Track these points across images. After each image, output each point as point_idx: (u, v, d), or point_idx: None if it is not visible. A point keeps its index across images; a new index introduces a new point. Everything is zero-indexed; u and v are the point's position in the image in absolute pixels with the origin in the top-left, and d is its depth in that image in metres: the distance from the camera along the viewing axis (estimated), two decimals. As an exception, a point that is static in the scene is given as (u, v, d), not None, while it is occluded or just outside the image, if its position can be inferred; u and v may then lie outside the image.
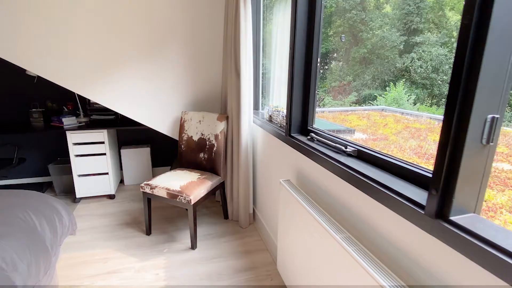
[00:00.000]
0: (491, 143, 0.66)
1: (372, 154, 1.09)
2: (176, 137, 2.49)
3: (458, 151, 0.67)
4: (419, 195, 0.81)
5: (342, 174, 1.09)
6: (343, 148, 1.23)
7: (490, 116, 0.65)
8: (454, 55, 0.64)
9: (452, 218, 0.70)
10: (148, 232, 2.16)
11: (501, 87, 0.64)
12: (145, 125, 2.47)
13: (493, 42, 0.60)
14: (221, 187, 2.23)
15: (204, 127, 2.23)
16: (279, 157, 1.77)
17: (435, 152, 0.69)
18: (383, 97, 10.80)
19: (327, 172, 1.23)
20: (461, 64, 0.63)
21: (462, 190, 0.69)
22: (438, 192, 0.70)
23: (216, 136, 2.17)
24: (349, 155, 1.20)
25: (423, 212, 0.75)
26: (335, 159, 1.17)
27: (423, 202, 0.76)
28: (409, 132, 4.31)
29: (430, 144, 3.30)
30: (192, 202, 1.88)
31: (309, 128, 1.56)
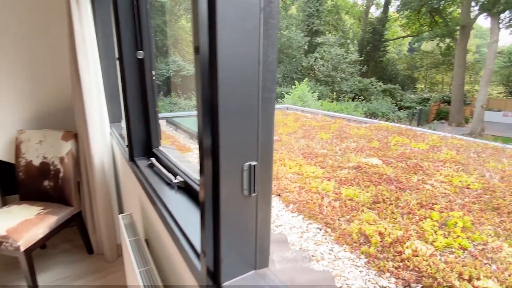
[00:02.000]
0: (253, 194, 0.56)
1: (193, 188, 0.95)
2: (14, 161, 1.98)
3: (216, 208, 0.55)
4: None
5: (160, 214, 0.92)
6: (173, 178, 1.06)
7: (247, 164, 0.54)
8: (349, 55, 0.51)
9: (226, 283, 0.58)
10: (-28, 291, 1.66)
11: (256, 131, 0.53)
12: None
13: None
14: (76, 218, 1.86)
15: (46, 148, 1.81)
16: (130, 183, 1.52)
17: (319, 151, 0.56)
18: (289, 94, 11.36)
19: (153, 210, 1.05)
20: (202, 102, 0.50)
21: (231, 250, 0.58)
22: (206, 256, 0.58)
23: (61, 159, 1.78)
24: (179, 187, 1.04)
25: (200, 277, 0.62)
26: (158, 195, 0.99)
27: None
28: (304, 130, 4.54)
29: (316, 143, 3.49)
30: (23, 249, 1.48)
31: (153, 150, 1.35)
